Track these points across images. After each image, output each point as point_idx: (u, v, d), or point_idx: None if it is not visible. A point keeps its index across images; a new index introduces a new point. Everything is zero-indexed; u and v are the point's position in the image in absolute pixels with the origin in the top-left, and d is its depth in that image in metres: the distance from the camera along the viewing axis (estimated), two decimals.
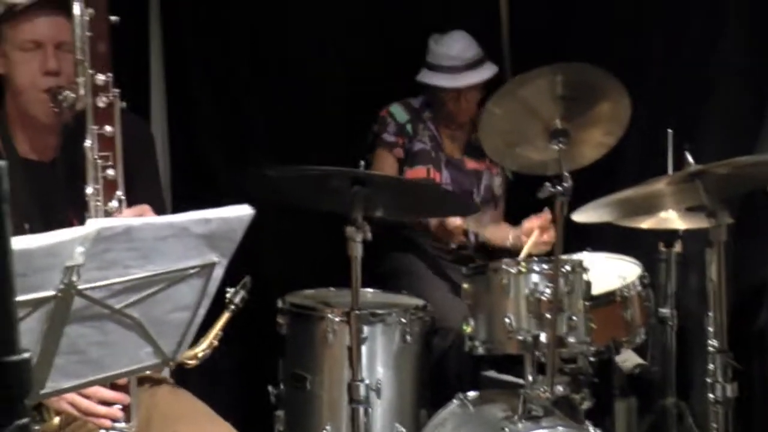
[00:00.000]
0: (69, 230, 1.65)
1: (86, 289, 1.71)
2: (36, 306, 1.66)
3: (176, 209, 2.04)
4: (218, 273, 1.93)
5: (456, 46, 4.13)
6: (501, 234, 4.06)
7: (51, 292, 1.66)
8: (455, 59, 4.11)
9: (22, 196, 2.60)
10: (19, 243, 1.57)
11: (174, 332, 1.95)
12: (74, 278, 1.67)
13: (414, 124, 4.16)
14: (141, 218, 1.99)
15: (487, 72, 4.14)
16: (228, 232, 1.89)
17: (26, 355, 0.91)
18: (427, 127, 4.17)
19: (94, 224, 1.67)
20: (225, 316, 2.74)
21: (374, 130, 4.18)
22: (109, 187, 2.36)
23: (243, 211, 1.89)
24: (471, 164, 4.20)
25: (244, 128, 4.26)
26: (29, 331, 1.68)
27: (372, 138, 4.18)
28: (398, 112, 4.17)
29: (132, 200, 2.45)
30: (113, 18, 2.37)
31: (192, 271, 1.88)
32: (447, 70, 4.11)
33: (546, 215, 3.78)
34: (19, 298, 1.61)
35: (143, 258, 1.77)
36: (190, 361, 2.63)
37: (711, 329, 3.00)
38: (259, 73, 4.29)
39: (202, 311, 1.97)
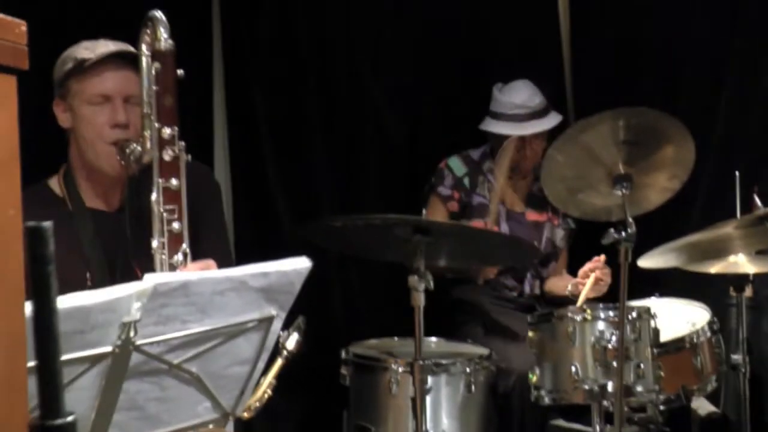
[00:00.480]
0: (126, 286, 1.66)
1: (144, 344, 1.72)
2: (94, 362, 1.66)
3: (240, 260, 2.04)
4: (277, 326, 1.93)
5: (521, 94, 4.11)
6: (561, 284, 4.02)
7: (108, 348, 1.67)
8: (521, 107, 4.08)
9: (87, 246, 2.63)
10: (76, 299, 1.58)
11: (233, 386, 1.95)
12: (132, 334, 1.68)
13: (472, 177, 4.12)
14: (198, 272, 2.00)
15: (552, 120, 4.11)
16: (286, 285, 1.88)
17: (71, 418, 0.90)
18: (486, 179, 4.13)
19: (150, 279, 1.68)
20: (278, 364, 2.63)
21: (431, 182, 4.15)
22: (175, 240, 2.38)
23: (301, 264, 1.89)
24: (532, 216, 4.15)
25: (309, 178, 4.27)
26: (87, 388, 1.69)
27: (428, 189, 4.15)
28: (456, 165, 4.14)
29: (199, 251, 2.47)
30: (180, 72, 2.40)
31: (250, 324, 1.88)
32: (512, 118, 4.08)
33: (599, 258, 3.72)
34: (77, 354, 1.63)
35: (201, 312, 1.77)
36: (243, 414, 2.59)
37: None
38: (323, 123, 4.31)
39: (261, 364, 1.97)
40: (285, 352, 2.62)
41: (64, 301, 1.58)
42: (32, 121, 3.38)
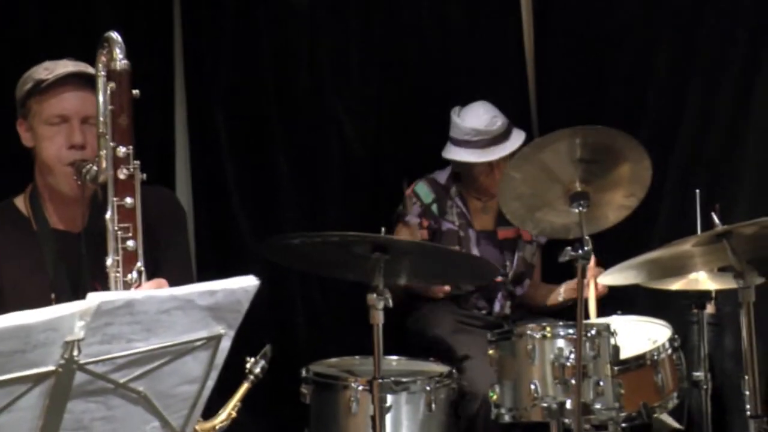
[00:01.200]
0: (68, 304, 1.65)
1: (88, 363, 1.70)
2: (36, 382, 1.65)
3: (202, 279, 2.04)
4: (225, 345, 1.92)
5: (481, 119, 4.03)
6: (552, 295, 4.05)
7: (51, 368, 1.66)
8: (484, 133, 4.01)
9: (51, 267, 2.63)
10: (17, 318, 1.58)
11: (182, 405, 1.93)
12: (75, 353, 1.66)
13: (441, 203, 4.09)
14: (144, 291, 1.99)
15: (517, 141, 4.04)
16: (234, 303, 1.87)
17: None
18: (455, 203, 4.09)
19: (94, 298, 1.67)
20: (244, 387, 2.71)
21: (398, 210, 4.11)
22: (129, 258, 2.39)
23: (248, 282, 1.88)
24: (503, 233, 4.11)
25: (271, 196, 4.27)
26: (30, 408, 1.67)
27: (395, 217, 4.11)
28: (424, 191, 4.10)
29: (159, 273, 2.48)
30: (135, 91, 2.41)
31: (198, 343, 1.87)
32: (475, 144, 4.01)
33: (591, 265, 3.72)
34: (18, 374, 1.62)
35: (147, 331, 1.76)
36: None
37: (747, 393, 2.94)
38: (286, 140, 4.31)
39: (210, 383, 1.95)
40: (251, 377, 2.67)
41: (4, 320, 1.57)
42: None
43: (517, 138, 4.07)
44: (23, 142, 2.70)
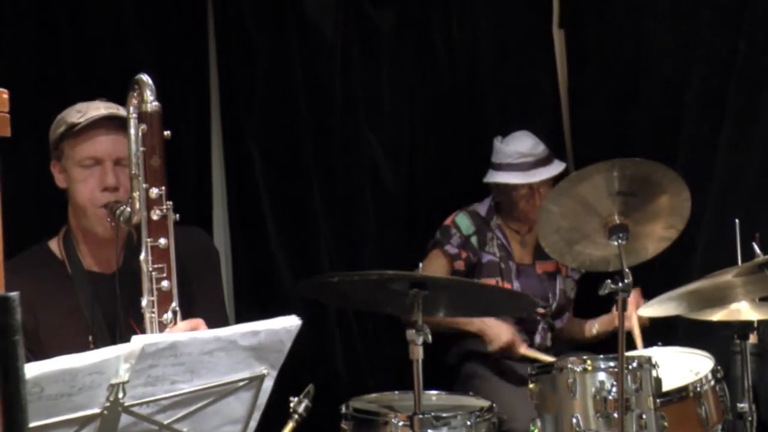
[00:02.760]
0: (113, 347, 1.66)
1: (133, 405, 1.72)
2: (82, 425, 1.67)
3: (241, 318, 2.05)
4: (268, 384, 1.93)
5: (525, 143, 4.10)
6: (581, 328, 4.05)
7: (97, 410, 1.67)
8: (527, 156, 4.06)
9: (88, 309, 2.65)
10: (63, 362, 1.59)
11: None
12: (120, 395, 1.68)
13: (480, 235, 4.08)
14: (187, 333, 2.01)
15: (558, 167, 4.10)
16: (276, 343, 1.89)
17: None
18: (495, 235, 4.09)
19: (139, 341, 1.69)
20: (289, 426, 2.74)
21: (436, 238, 4.10)
22: (164, 298, 2.40)
23: (290, 322, 1.89)
24: (542, 267, 4.11)
25: (308, 233, 4.28)
26: None
27: (431, 245, 4.11)
28: (465, 223, 4.09)
29: (193, 313, 2.48)
30: (166, 133, 2.43)
31: (241, 383, 1.88)
32: (518, 167, 4.06)
33: (636, 294, 3.71)
34: (65, 417, 1.63)
35: (190, 372, 1.78)
36: None
37: None
38: (321, 178, 4.32)
39: (253, 423, 1.96)
40: (296, 416, 2.69)
41: (51, 364, 1.59)
42: (34, 182, 3.45)
43: (559, 165, 4.12)
44: (57, 183, 2.73)
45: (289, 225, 4.24)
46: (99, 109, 2.66)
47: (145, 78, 2.43)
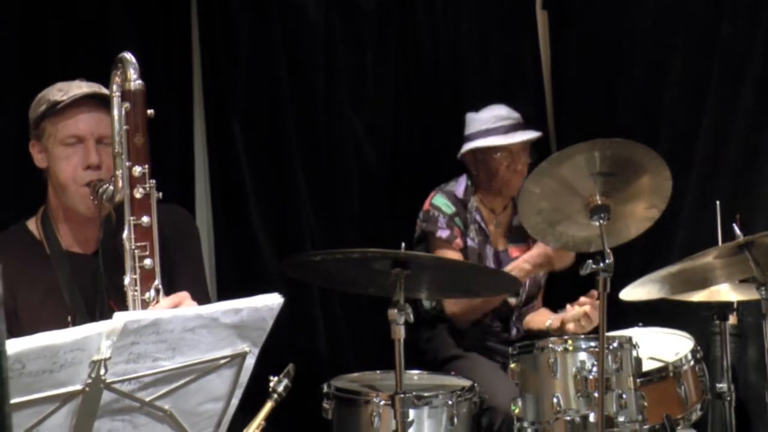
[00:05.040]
0: (95, 324, 1.66)
1: (115, 382, 1.72)
2: (64, 401, 1.67)
3: (223, 297, 2.05)
4: (250, 362, 1.93)
5: (501, 109, 4.07)
6: (539, 318, 4.01)
7: (79, 387, 1.67)
8: (505, 119, 4.02)
9: (66, 289, 2.64)
10: (45, 338, 1.59)
11: (207, 423, 1.95)
12: (102, 372, 1.68)
13: (461, 216, 4.03)
14: (169, 310, 2.01)
15: (535, 133, 4.06)
16: (258, 321, 1.89)
17: None
18: (473, 219, 4.04)
19: (121, 317, 1.68)
20: (268, 406, 2.72)
21: (423, 228, 4.04)
22: (147, 276, 2.40)
23: (273, 300, 1.89)
24: (515, 252, 4.06)
25: (290, 212, 4.27)
26: (58, 427, 1.69)
27: (421, 234, 4.07)
28: (443, 203, 4.03)
29: (174, 289, 2.47)
30: (150, 111, 2.43)
31: (223, 361, 1.89)
32: (496, 131, 3.99)
33: (593, 293, 3.70)
34: (46, 393, 1.63)
35: (172, 349, 1.78)
36: None
37: None
38: (304, 156, 4.32)
39: (235, 401, 1.96)
40: (275, 396, 2.68)
41: (32, 341, 1.59)
42: (12, 162, 3.43)
43: (536, 132, 4.08)
44: (36, 163, 2.71)
45: (271, 204, 4.23)
46: (81, 87, 2.65)
47: (129, 56, 2.42)
